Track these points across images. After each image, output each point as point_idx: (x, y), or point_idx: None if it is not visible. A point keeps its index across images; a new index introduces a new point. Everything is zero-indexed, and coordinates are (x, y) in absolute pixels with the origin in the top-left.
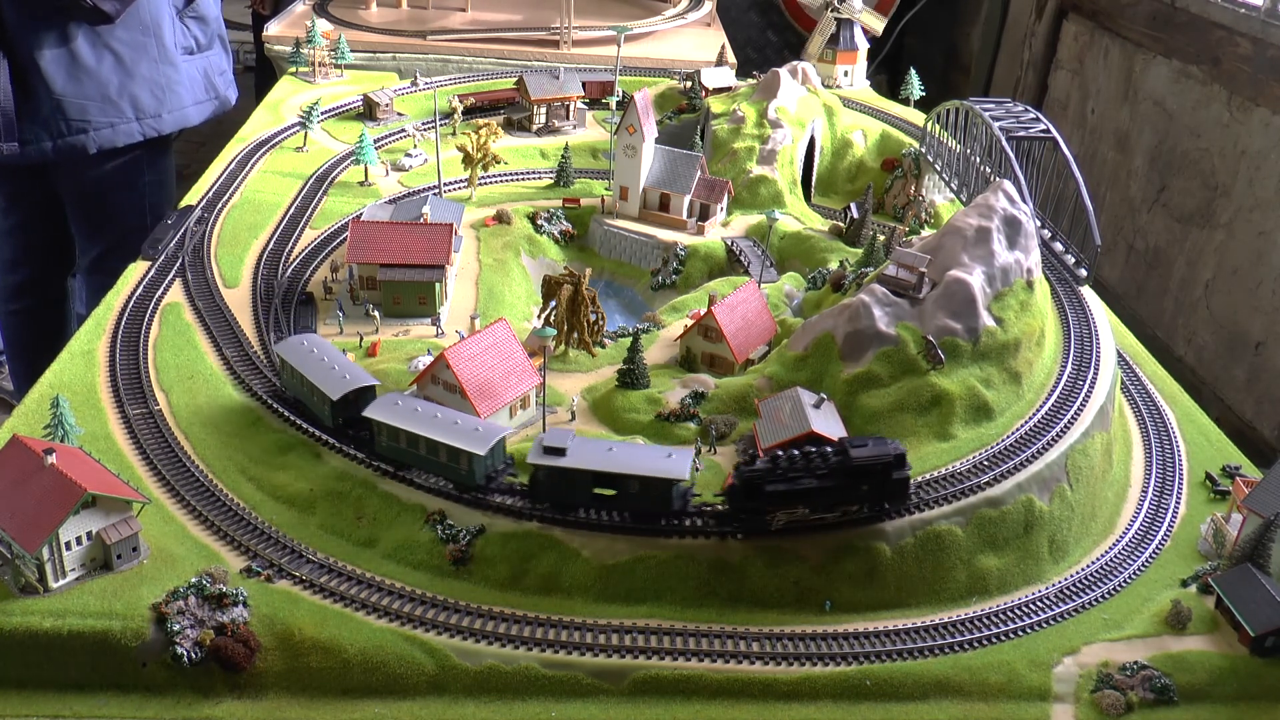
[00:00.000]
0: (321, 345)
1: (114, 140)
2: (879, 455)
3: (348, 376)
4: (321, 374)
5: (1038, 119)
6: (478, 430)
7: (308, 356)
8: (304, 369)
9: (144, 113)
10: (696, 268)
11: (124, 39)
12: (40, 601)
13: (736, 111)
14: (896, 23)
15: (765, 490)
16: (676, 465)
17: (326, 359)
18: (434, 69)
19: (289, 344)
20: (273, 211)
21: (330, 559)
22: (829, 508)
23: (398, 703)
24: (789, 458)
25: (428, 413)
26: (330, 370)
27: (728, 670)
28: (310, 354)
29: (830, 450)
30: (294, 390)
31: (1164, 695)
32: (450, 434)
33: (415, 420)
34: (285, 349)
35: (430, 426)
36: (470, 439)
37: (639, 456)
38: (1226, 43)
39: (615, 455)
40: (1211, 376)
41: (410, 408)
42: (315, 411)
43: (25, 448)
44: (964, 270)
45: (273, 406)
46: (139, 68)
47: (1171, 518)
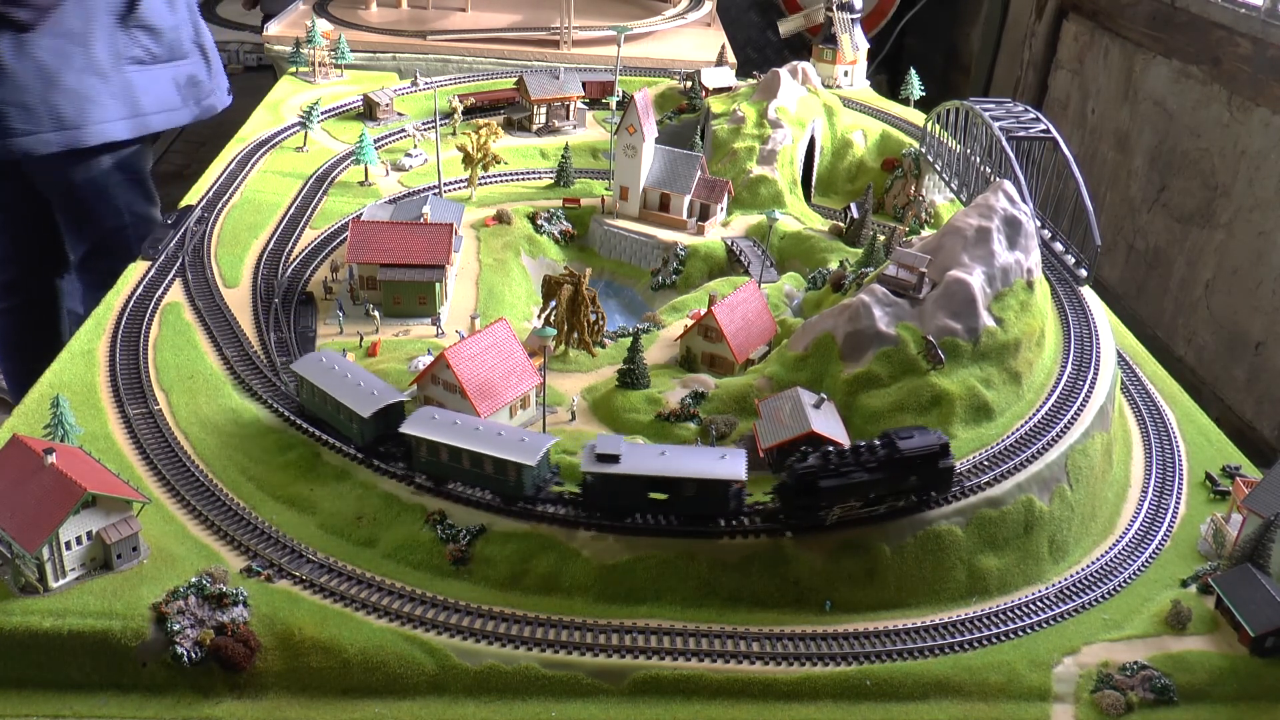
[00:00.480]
0: (340, 361)
1: (34, 149)
2: (926, 446)
3: (376, 392)
4: (348, 391)
5: (1038, 119)
6: (524, 441)
7: (329, 374)
8: (328, 387)
9: (64, 123)
10: (696, 268)
11: (48, 47)
12: (40, 601)
13: (736, 111)
14: (896, 23)
15: (820, 486)
16: (732, 466)
17: (350, 375)
18: (434, 69)
19: (307, 362)
20: (273, 211)
21: (330, 559)
22: (879, 500)
23: (398, 703)
24: (839, 452)
25: (468, 426)
26: (356, 387)
27: (728, 670)
28: (331, 371)
29: (879, 443)
30: (314, 408)
31: (1164, 695)
32: (497, 446)
33: (457, 434)
34: (304, 367)
35: (474, 439)
36: (519, 450)
37: (693, 459)
38: (1226, 43)
39: (669, 459)
40: (1211, 376)
41: (449, 421)
42: (342, 429)
43: (25, 447)
44: (964, 270)
45: (297, 424)
46: (62, 77)
47: (1171, 518)
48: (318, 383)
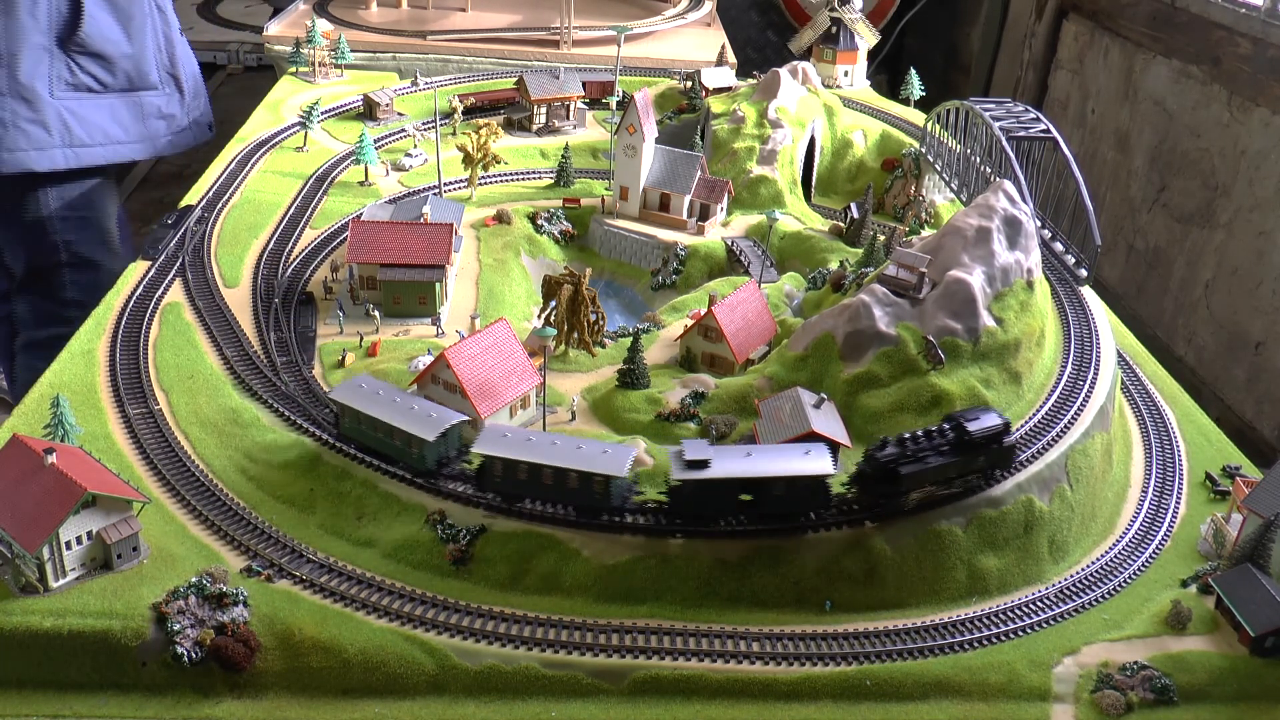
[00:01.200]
0: (382, 385)
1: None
2: (992, 426)
3: (433, 415)
4: (403, 416)
5: (1038, 119)
6: (605, 453)
7: (375, 399)
8: (378, 413)
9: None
10: (696, 268)
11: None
12: (40, 601)
13: (736, 111)
14: (896, 23)
15: (901, 473)
16: (820, 461)
17: (398, 399)
18: (434, 69)
19: (346, 389)
20: (273, 211)
21: (330, 559)
22: (951, 481)
23: (398, 702)
24: (914, 438)
25: (543, 442)
26: (410, 410)
27: (728, 670)
28: (377, 396)
29: (947, 426)
30: (359, 436)
31: (1164, 695)
32: (581, 460)
33: (535, 451)
34: (345, 395)
35: (554, 455)
36: (604, 463)
37: (780, 457)
38: (1226, 43)
39: (757, 460)
40: (1211, 376)
41: (522, 438)
42: (397, 455)
43: (25, 447)
44: (964, 270)
45: (347, 452)
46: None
47: (1171, 518)
48: (366, 410)
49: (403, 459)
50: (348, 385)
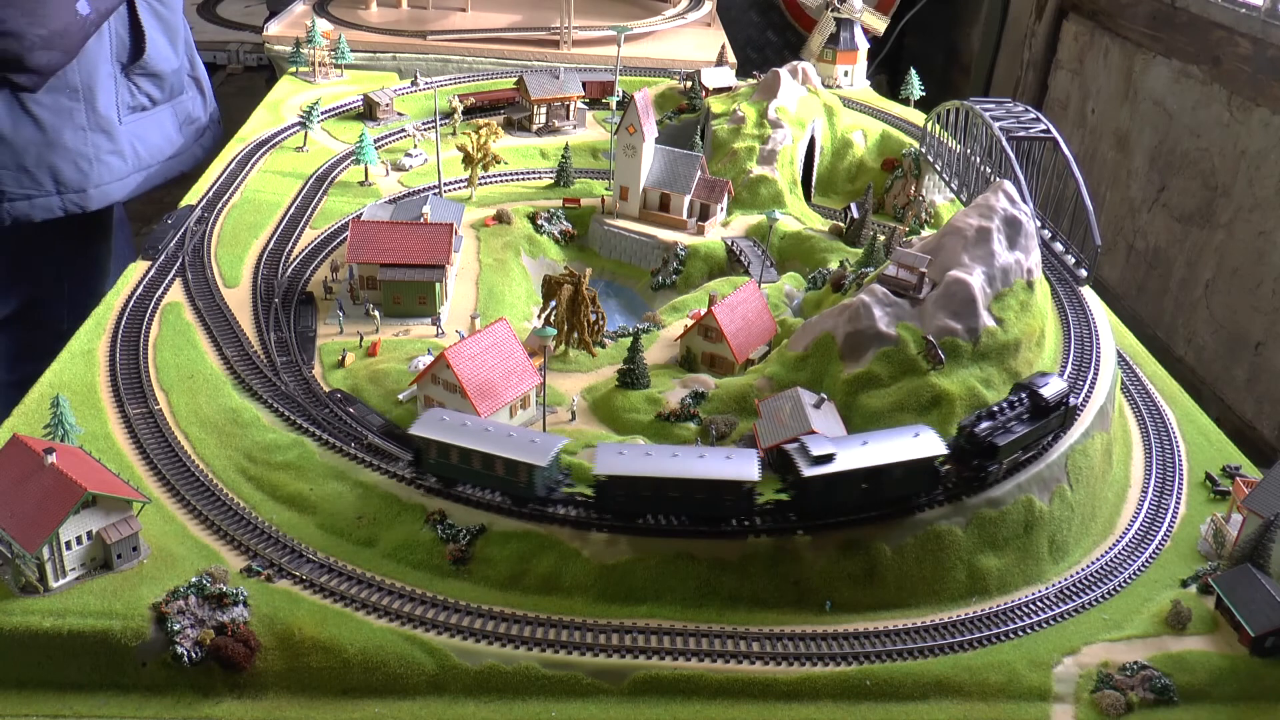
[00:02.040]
0: (465, 416)
1: (30, 214)
2: (1060, 390)
3: (535, 440)
4: (504, 445)
5: (1038, 119)
6: (729, 459)
7: (465, 431)
8: (474, 444)
9: (66, 186)
10: (696, 268)
11: (47, 104)
12: (40, 601)
13: (736, 111)
14: (896, 23)
15: (997, 444)
16: (931, 444)
17: (490, 428)
18: (434, 69)
19: (427, 424)
20: (273, 211)
21: (330, 558)
22: (1030, 446)
23: (398, 702)
24: (999, 409)
25: (663, 454)
26: (508, 438)
27: (728, 670)
28: (465, 428)
29: (1022, 394)
30: (445, 471)
31: (1164, 695)
32: (704, 469)
33: (663, 465)
34: (428, 429)
35: (679, 467)
36: (730, 469)
37: (896, 442)
38: (1226, 43)
39: (875, 447)
40: (1211, 376)
41: (641, 453)
42: (495, 485)
43: (25, 447)
44: (964, 270)
45: (441, 491)
46: (63, 136)
47: (1171, 518)
48: (459, 442)
49: (504, 488)
50: (427, 420)
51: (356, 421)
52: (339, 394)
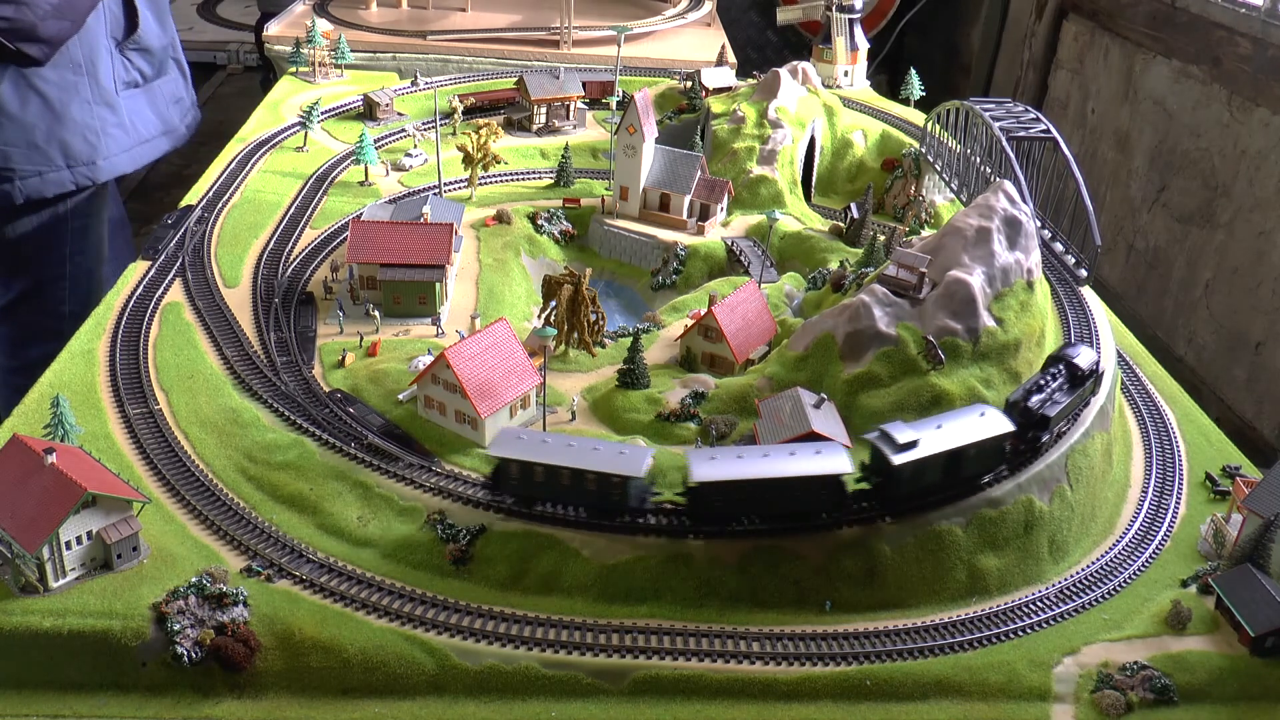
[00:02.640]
0: (542, 434)
1: (42, 190)
2: (1092, 358)
3: (624, 452)
4: (593, 458)
5: (1038, 119)
6: (819, 454)
7: (547, 448)
8: (562, 460)
9: (75, 160)
10: (696, 268)
11: (53, 80)
12: (40, 601)
13: (736, 111)
14: (896, 23)
15: (1048, 415)
16: (999, 422)
17: (572, 443)
18: (434, 69)
19: (506, 443)
20: (273, 211)
21: (330, 558)
22: (1071, 415)
23: (398, 703)
24: (1043, 382)
25: (755, 454)
26: (594, 451)
27: (728, 670)
28: (546, 445)
29: (1060, 366)
30: (529, 490)
31: (1164, 695)
32: (798, 467)
33: (757, 467)
34: (508, 449)
35: (773, 467)
36: (823, 464)
37: (968, 424)
38: (1226, 43)
39: (950, 430)
40: (1211, 376)
41: (733, 456)
42: (583, 500)
43: (25, 447)
44: (964, 270)
45: (522, 513)
46: (70, 110)
47: (1171, 518)
48: (545, 460)
49: (594, 502)
50: (504, 440)
51: (356, 421)
52: (339, 394)
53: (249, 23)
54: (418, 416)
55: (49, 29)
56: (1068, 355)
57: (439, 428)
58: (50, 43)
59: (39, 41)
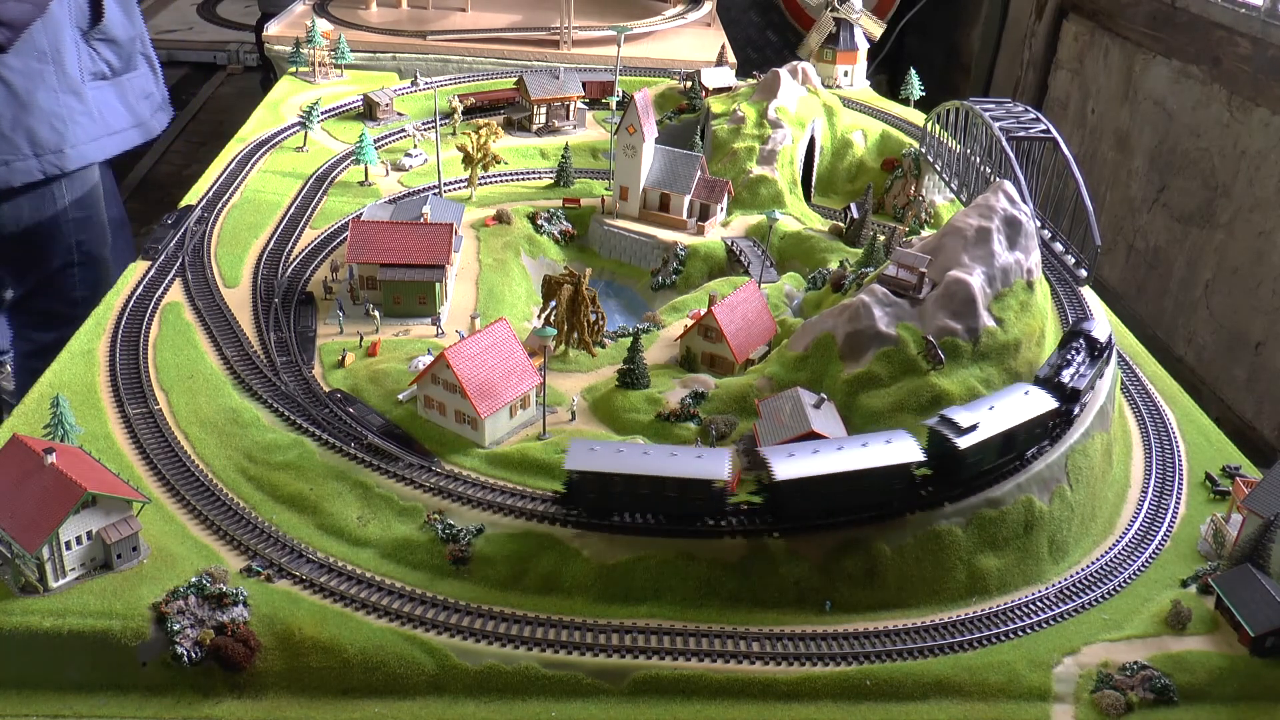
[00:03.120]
0: (611, 443)
1: (9, 179)
2: (1106, 329)
3: (701, 456)
4: (673, 464)
5: (1038, 119)
6: (889, 443)
7: (622, 458)
8: (642, 469)
9: (42, 148)
10: (696, 268)
11: (17, 68)
12: (40, 601)
13: (736, 111)
14: (896, 23)
15: (1079, 388)
16: (1044, 399)
17: (648, 451)
18: (434, 69)
19: (580, 456)
20: (273, 211)
21: (330, 558)
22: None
23: (398, 703)
24: (1069, 357)
25: (828, 449)
26: (673, 458)
27: (728, 670)
28: (620, 454)
29: (1080, 341)
30: (606, 501)
31: (1164, 695)
32: (871, 459)
33: (835, 461)
34: (583, 462)
35: (849, 461)
36: (894, 454)
37: (1018, 403)
38: (1226, 43)
39: (1004, 411)
40: (1211, 376)
41: (809, 450)
42: (662, 508)
43: (25, 447)
44: (964, 270)
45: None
46: (35, 99)
47: (1171, 518)
48: (623, 470)
49: (675, 509)
50: (577, 453)
51: (356, 421)
52: (339, 394)
53: (249, 23)
54: (418, 416)
55: (10, 12)
56: (1085, 329)
57: (439, 428)
58: (13, 26)
59: (2, 25)
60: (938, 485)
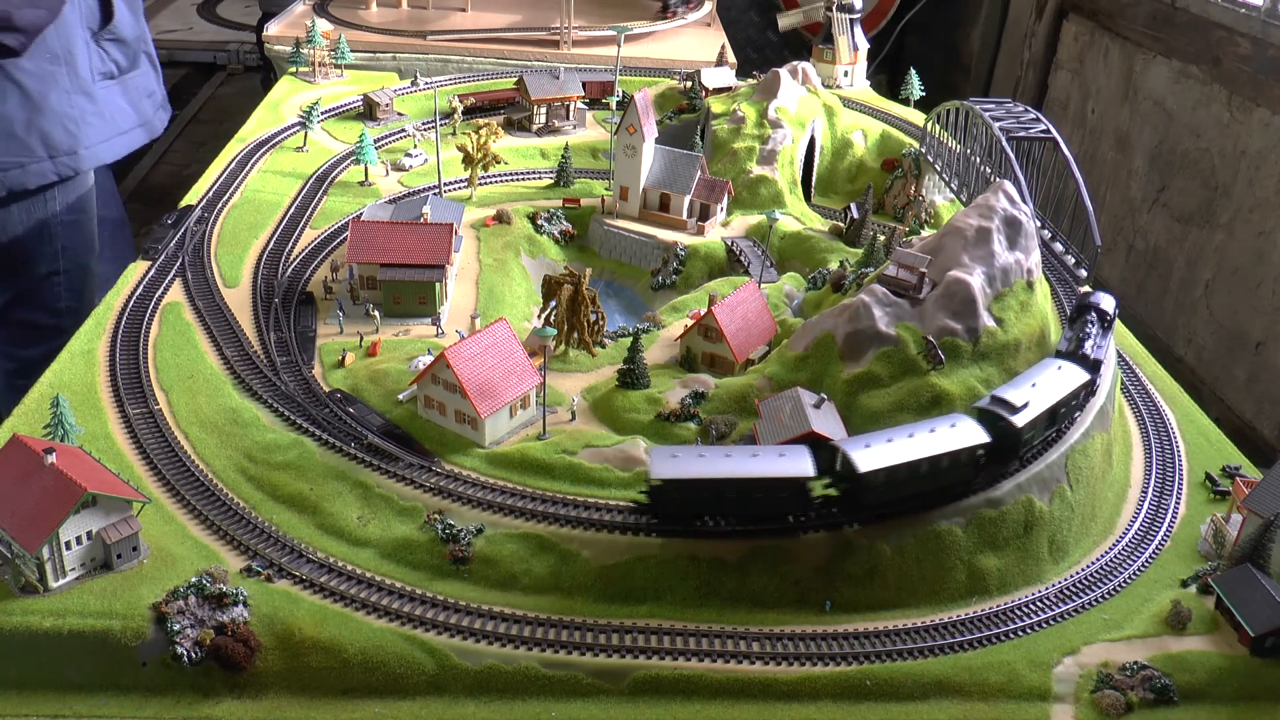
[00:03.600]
0: (692, 448)
1: (24, 181)
2: (1111, 300)
3: (784, 454)
4: (759, 465)
5: (1038, 119)
6: (954, 428)
7: (707, 461)
8: (730, 471)
9: (57, 150)
10: (696, 268)
11: (30, 70)
12: (40, 601)
13: (736, 111)
14: (896, 23)
15: (1100, 359)
16: (1078, 372)
17: (729, 453)
18: (434, 69)
19: (663, 463)
20: (273, 211)
21: (330, 558)
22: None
23: (398, 703)
24: (1086, 330)
25: (900, 436)
26: (755, 458)
27: (728, 670)
28: (703, 459)
29: (1092, 311)
30: (693, 507)
31: (1164, 695)
32: (944, 444)
33: (914, 448)
34: (667, 468)
35: (926, 447)
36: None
37: (1055, 378)
38: (1226, 43)
39: (1046, 387)
40: (1211, 376)
41: (883, 439)
42: (749, 510)
43: (25, 447)
44: (964, 270)
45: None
46: (48, 101)
47: (1171, 518)
48: (711, 474)
49: (762, 510)
50: (659, 460)
51: (356, 421)
52: (339, 394)
53: (249, 23)
54: (418, 416)
55: (25, 18)
56: (1094, 303)
57: (439, 428)
58: (26, 32)
59: (15, 31)
60: (994, 463)
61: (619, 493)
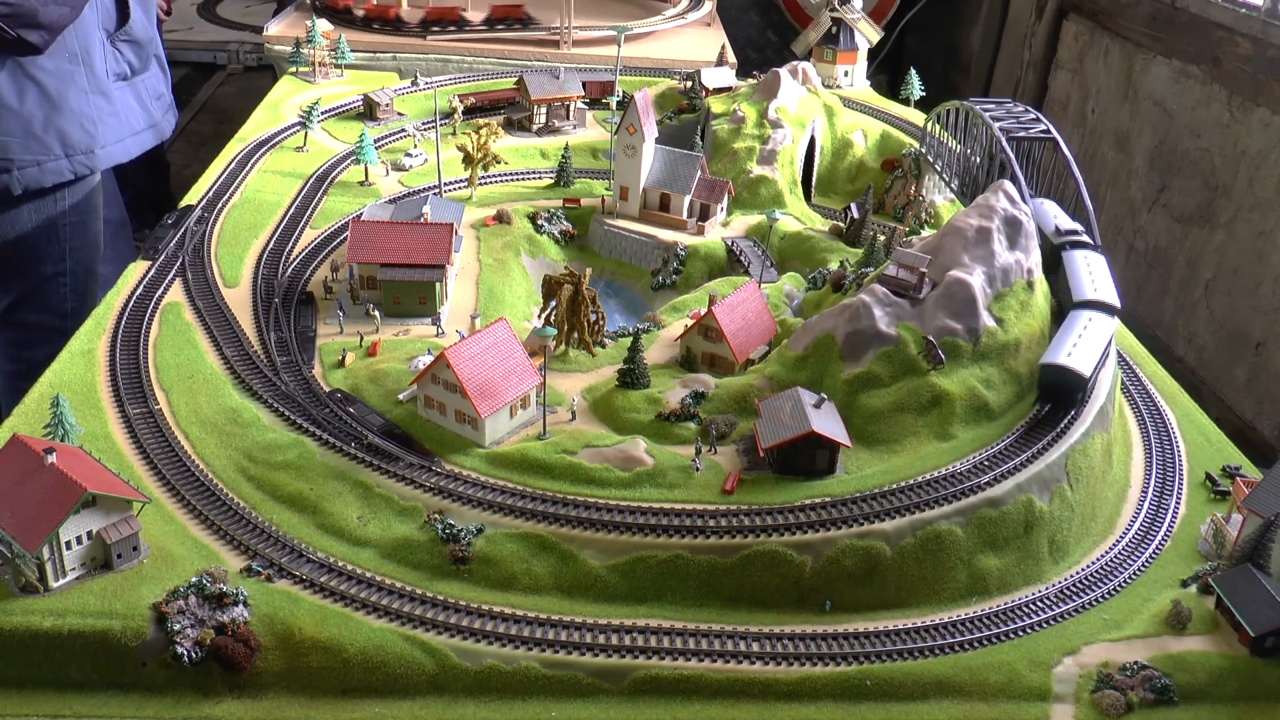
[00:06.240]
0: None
1: (41, 180)
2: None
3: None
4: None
5: (1038, 119)
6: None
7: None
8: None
9: (74, 149)
10: (696, 268)
11: (49, 69)
12: (40, 601)
13: (737, 111)
14: (896, 23)
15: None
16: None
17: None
18: (434, 69)
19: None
20: (273, 211)
21: (330, 558)
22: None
23: (398, 703)
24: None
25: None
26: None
27: (728, 670)
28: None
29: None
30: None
31: (1164, 695)
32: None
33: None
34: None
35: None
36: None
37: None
38: (1226, 43)
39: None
40: (1211, 376)
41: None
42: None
43: (25, 447)
44: (964, 270)
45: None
46: (67, 100)
47: (1171, 518)
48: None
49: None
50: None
51: (356, 421)
52: (339, 394)
53: (249, 23)
54: (418, 416)
55: (49, 15)
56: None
57: (439, 428)
58: (50, 29)
59: (39, 28)
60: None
61: (619, 493)
